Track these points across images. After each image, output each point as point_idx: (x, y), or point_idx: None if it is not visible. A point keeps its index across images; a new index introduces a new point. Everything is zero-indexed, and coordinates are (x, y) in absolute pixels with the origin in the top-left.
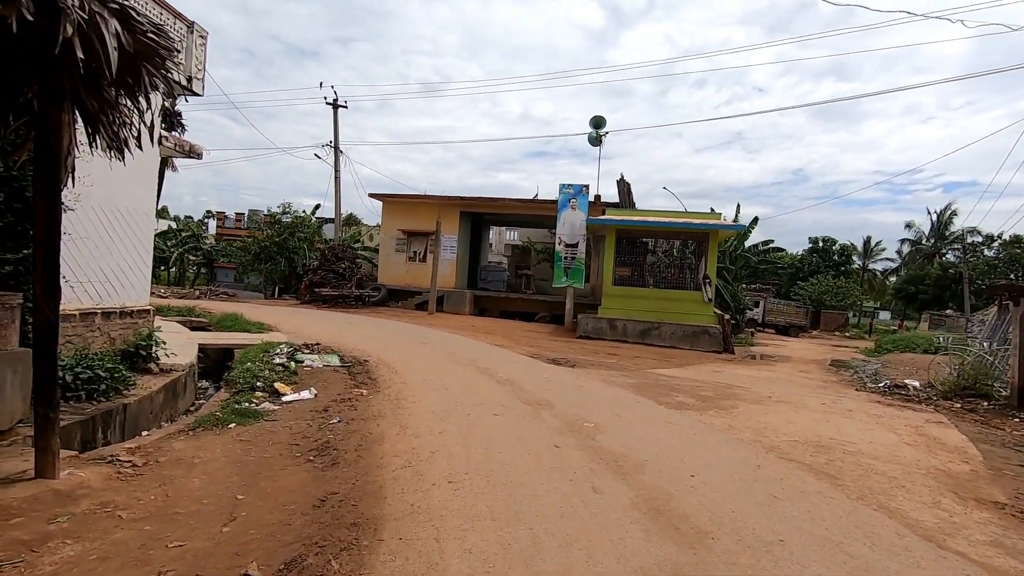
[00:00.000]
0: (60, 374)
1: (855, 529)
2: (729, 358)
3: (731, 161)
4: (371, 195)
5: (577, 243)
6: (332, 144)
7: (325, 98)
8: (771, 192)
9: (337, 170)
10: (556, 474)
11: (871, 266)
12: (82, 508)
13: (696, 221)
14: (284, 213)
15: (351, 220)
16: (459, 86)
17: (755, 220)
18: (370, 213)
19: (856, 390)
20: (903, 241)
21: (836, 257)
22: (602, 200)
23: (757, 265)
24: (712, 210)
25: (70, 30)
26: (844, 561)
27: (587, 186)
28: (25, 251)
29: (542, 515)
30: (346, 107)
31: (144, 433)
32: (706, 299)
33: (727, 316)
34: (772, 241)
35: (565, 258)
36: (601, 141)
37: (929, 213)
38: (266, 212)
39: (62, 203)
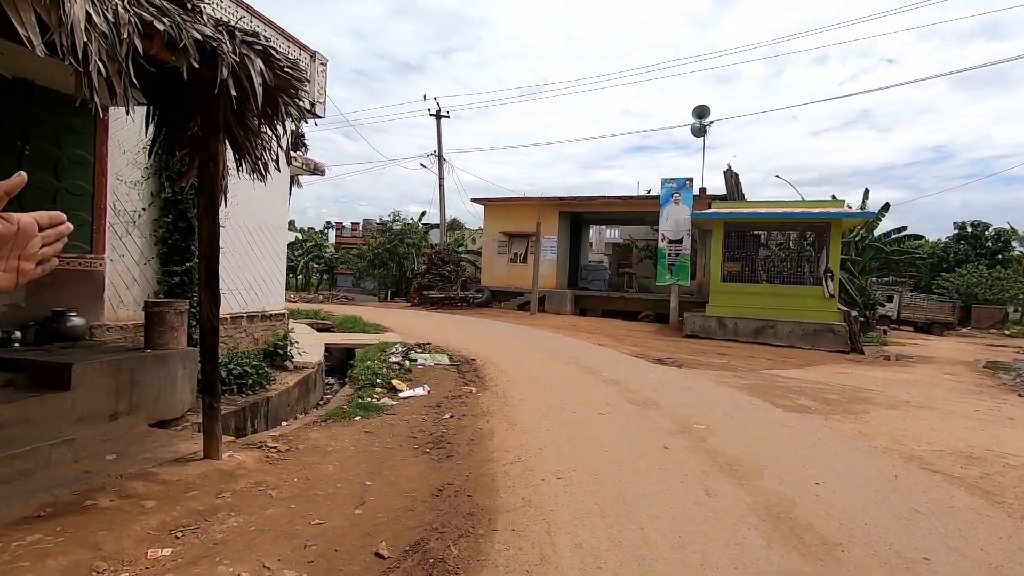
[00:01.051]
0: None
1: (1020, 552)
2: (857, 358)
3: (856, 142)
4: (473, 200)
5: (681, 239)
6: (436, 153)
7: (428, 110)
8: (906, 174)
9: (441, 178)
10: (666, 475)
11: None
12: (241, 486)
13: (815, 210)
14: (394, 221)
15: (455, 225)
16: (556, 87)
17: (886, 206)
18: (472, 217)
19: (1019, 395)
20: None
21: (990, 244)
22: (708, 193)
23: (889, 256)
24: (833, 197)
25: (225, 72)
26: None
27: (691, 179)
28: (188, 264)
29: (653, 515)
30: (448, 117)
31: (284, 423)
32: (827, 294)
33: (854, 312)
34: (906, 228)
35: (669, 255)
36: (705, 131)
37: None
38: (378, 221)
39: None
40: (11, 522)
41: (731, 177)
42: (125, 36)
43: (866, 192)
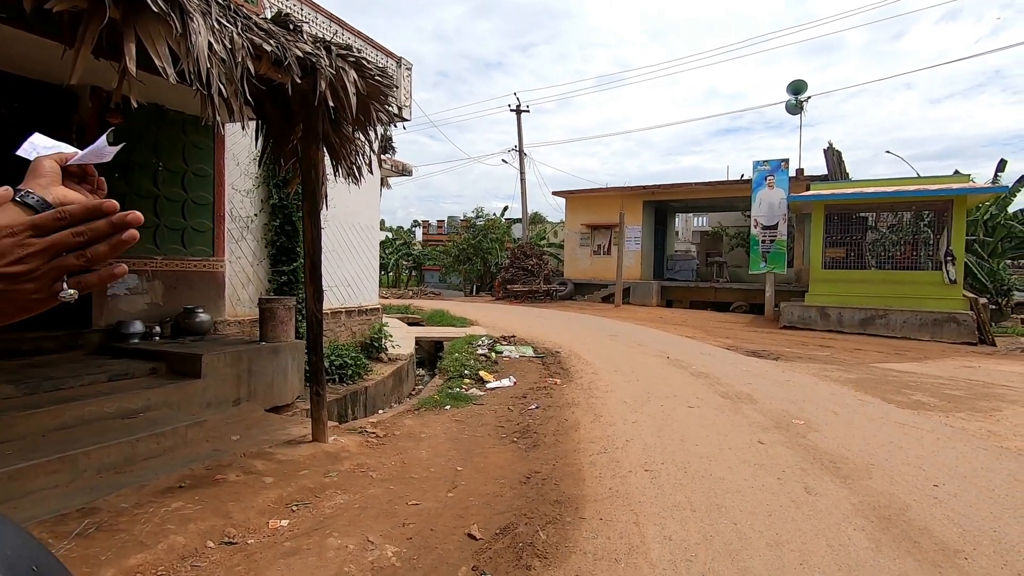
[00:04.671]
0: None
1: None
2: (988, 351)
3: (986, 108)
4: (554, 193)
5: (776, 224)
6: (517, 148)
7: (509, 105)
8: None
9: (522, 173)
10: (761, 471)
11: None
12: (345, 467)
13: (933, 187)
14: (477, 217)
15: (537, 218)
16: (637, 73)
17: (1022, 179)
18: (554, 210)
19: None
20: None
21: None
22: (806, 174)
23: None
24: (957, 172)
25: (324, 85)
26: None
27: (786, 160)
28: (294, 264)
29: (746, 511)
30: (528, 111)
31: (380, 411)
32: (948, 280)
33: (983, 300)
34: None
35: (763, 242)
36: (802, 108)
37: None
38: (462, 217)
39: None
40: (159, 491)
41: (832, 155)
42: (239, 59)
43: (1001, 163)
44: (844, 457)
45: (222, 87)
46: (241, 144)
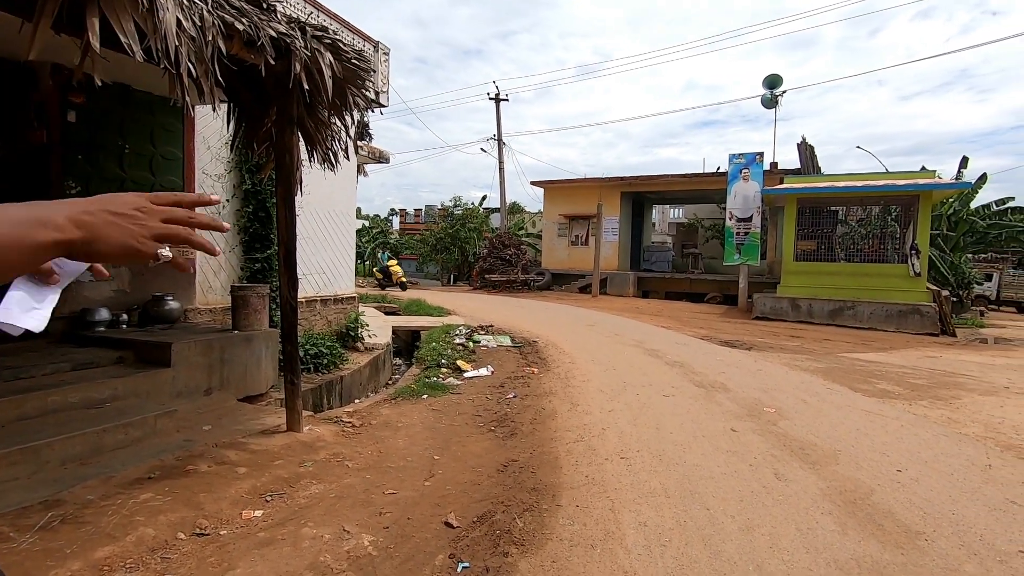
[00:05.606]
0: None
1: None
2: (949, 341)
3: (952, 106)
4: (533, 183)
5: (751, 216)
6: (495, 137)
7: (488, 94)
8: (1015, 138)
9: (501, 162)
10: (733, 458)
11: None
12: (321, 456)
13: (900, 182)
14: (455, 206)
15: (515, 208)
16: (617, 63)
17: (983, 176)
18: (532, 200)
19: None
20: None
21: None
22: (780, 168)
23: (987, 230)
24: (923, 168)
25: (298, 67)
26: None
27: (761, 153)
28: (268, 251)
29: (719, 497)
30: (507, 100)
31: (356, 401)
32: (913, 273)
33: (945, 292)
34: (1012, 199)
35: (737, 234)
36: (777, 102)
37: None
38: (440, 206)
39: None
40: (127, 482)
41: (806, 150)
42: (210, 38)
43: (964, 160)
44: (813, 444)
45: (191, 66)
46: (212, 127)
